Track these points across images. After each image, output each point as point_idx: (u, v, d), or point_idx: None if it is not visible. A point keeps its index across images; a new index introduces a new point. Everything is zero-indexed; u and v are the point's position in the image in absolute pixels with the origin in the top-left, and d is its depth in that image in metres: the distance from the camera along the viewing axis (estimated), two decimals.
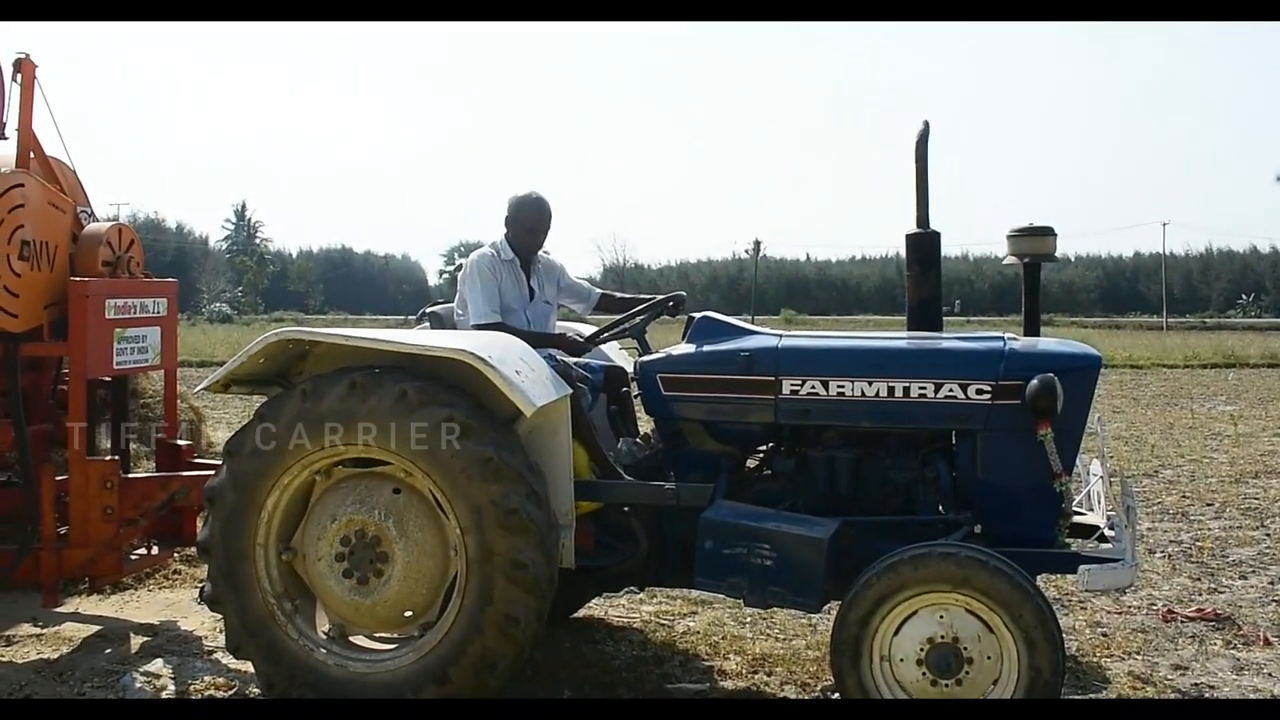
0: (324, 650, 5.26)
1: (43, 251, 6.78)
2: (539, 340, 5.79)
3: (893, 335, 5.77)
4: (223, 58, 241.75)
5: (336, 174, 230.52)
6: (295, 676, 5.22)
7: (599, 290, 6.62)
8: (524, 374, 5.08)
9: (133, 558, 7.19)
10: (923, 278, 5.70)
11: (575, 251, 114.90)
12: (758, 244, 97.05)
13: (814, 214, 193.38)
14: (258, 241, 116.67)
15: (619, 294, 6.70)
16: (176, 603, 7.33)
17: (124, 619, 6.98)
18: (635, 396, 5.95)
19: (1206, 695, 5.75)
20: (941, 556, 4.61)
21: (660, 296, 6.11)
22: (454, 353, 5.05)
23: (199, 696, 5.66)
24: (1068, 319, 72.58)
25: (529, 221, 6.20)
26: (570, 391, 5.36)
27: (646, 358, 5.67)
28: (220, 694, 5.69)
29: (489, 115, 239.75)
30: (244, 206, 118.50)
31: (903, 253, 5.80)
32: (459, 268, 6.54)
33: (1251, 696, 5.74)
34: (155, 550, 7.41)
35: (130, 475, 7.12)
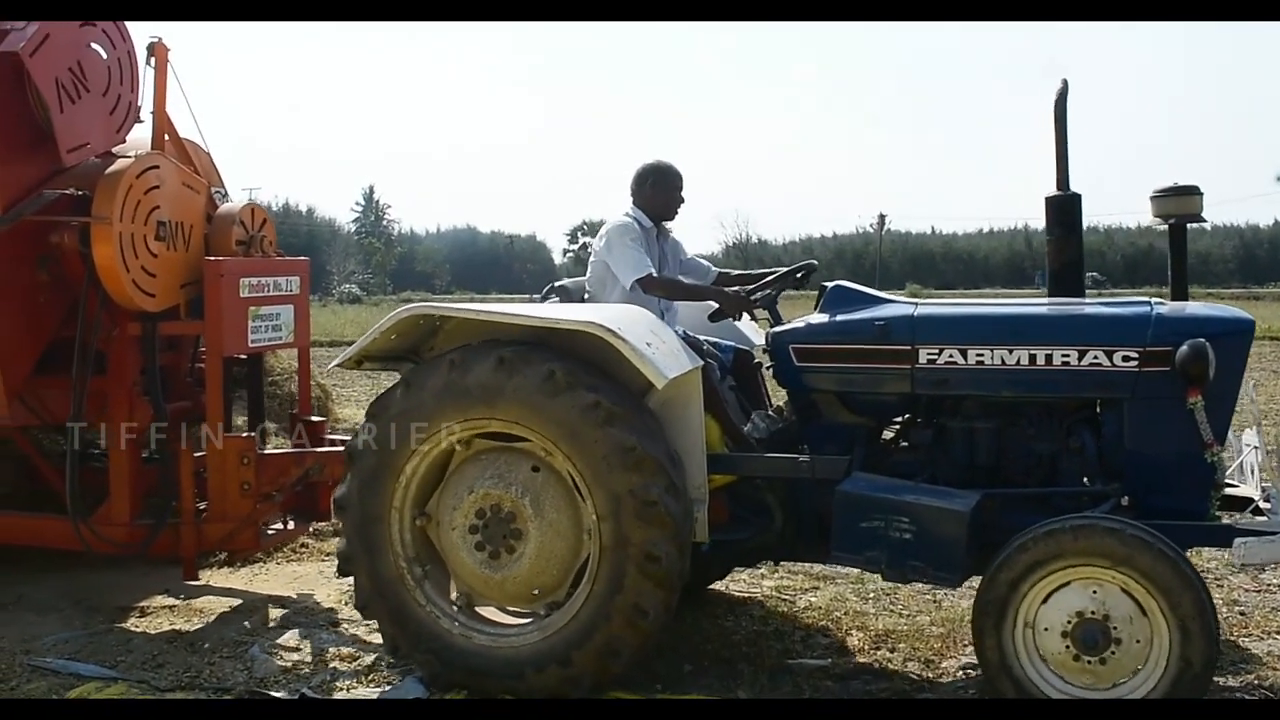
0: (450, 619, 5.27)
1: (178, 232, 6.90)
2: (696, 292, 5.89)
3: (1033, 301, 5.58)
4: (351, 47, 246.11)
5: (463, 155, 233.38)
6: (420, 642, 5.25)
7: (716, 269, 6.43)
8: (655, 346, 5.00)
9: (269, 532, 7.31)
10: (1064, 241, 5.53)
11: (697, 228, 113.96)
12: (882, 217, 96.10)
13: (940, 186, 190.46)
14: (385, 224, 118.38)
15: (735, 271, 6.51)
16: (304, 575, 7.44)
17: (254, 591, 7.10)
18: (767, 369, 5.85)
19: None
20: (1106, 531, 4.44)
21: (790, 266, 6.00)
22: (584, 325, 4.99)
23: (326, 668, 5.74)
24: (1204, 290, 70.41)
25: (672, 181, 6.09)
26: (701, 363, 5.28)
27: (778, 328, 5.57)
28: (344, 666, 5.75)
29: (611, 94, 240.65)
30: (372, 190, 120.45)
31: (1031, 224, 5.66)
32: (583, 246, 6.46)
33: None
34: (291, 525, 7.53)
35: (265, 451, 7.22)
